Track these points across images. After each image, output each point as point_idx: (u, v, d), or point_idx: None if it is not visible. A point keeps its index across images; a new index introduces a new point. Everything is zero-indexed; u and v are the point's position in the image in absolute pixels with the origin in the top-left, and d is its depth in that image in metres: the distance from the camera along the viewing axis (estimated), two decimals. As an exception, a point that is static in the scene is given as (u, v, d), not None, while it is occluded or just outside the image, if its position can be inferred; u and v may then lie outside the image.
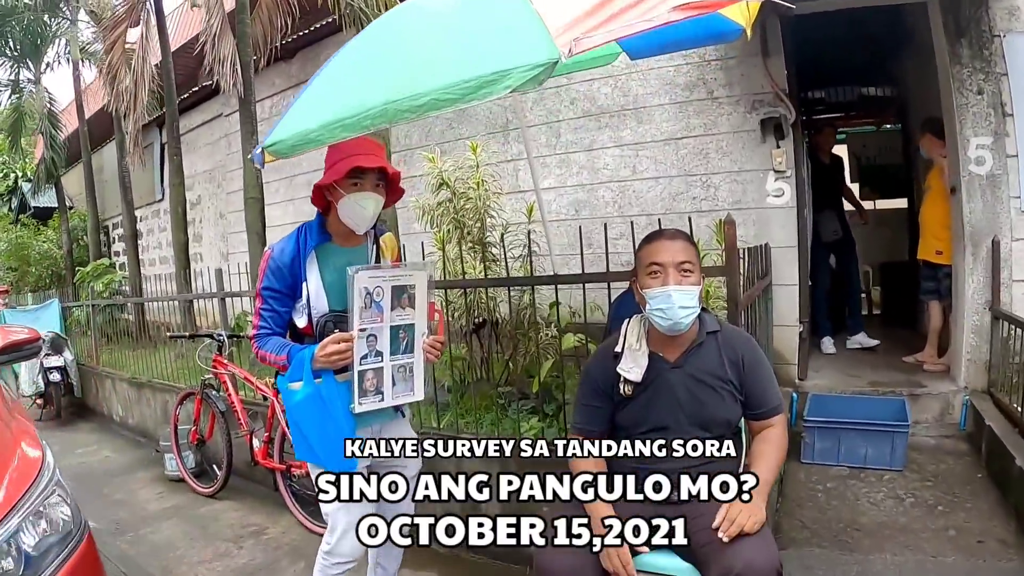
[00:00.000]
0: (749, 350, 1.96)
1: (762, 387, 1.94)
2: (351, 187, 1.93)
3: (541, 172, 5.28)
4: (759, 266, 3.51)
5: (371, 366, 1.97)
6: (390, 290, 1.95)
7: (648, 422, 1.93)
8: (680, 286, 1.85)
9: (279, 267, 2.01)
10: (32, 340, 2.85)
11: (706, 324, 1.96)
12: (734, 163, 4.36)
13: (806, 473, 3.40)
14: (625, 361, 1.95)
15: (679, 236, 1.92)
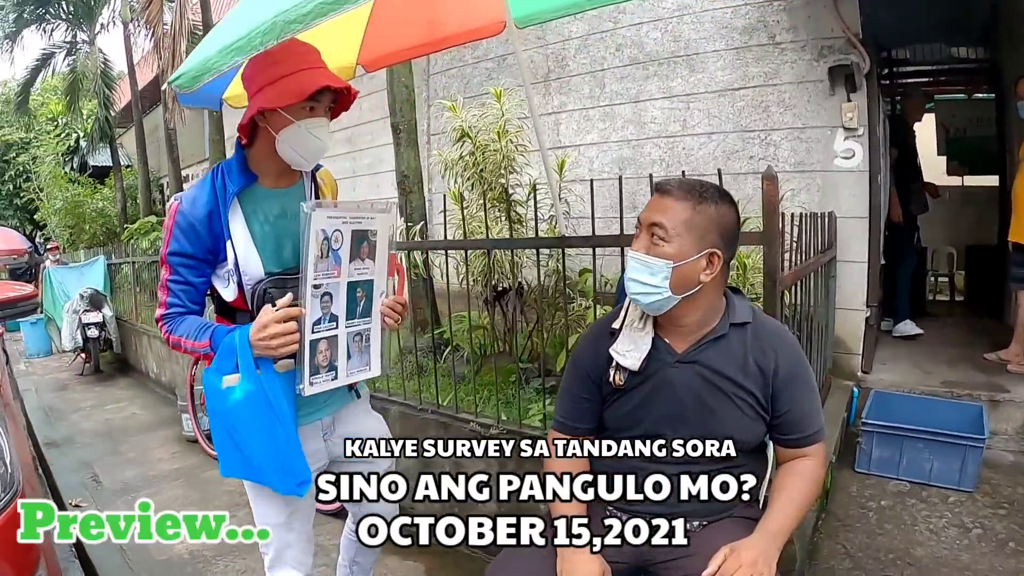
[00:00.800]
0: (787, 355, 1.49)
1: (799, 408, 1.49)
2: (302, 112, 1.54)
3: (583, 126, 4.98)
4: (820, 237, 3.09)
5: (325, 333, 1.60)
6: (350, 235, 1.59)
7: (640, 426, 1.53)
8: (636, 253, 1.45)
9: (191, 224, 1.57)
10: (28, 296, 2.80)
11: (733, 311, 1.51)
12: (797, 118, 3.89)
13: (859, 485, 2.97)
14: (622, 341, 1.55)
15: (677, 192, 1.44)
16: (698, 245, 1.42)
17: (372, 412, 1.95)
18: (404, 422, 3.16)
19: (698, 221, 1.42)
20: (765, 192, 2.01)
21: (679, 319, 1.49)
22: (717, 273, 1.45)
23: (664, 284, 1.42)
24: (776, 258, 2.04)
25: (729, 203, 1.46)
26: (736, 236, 1.49)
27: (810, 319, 2.81)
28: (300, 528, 1.77)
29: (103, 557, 3.01)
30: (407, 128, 4.70)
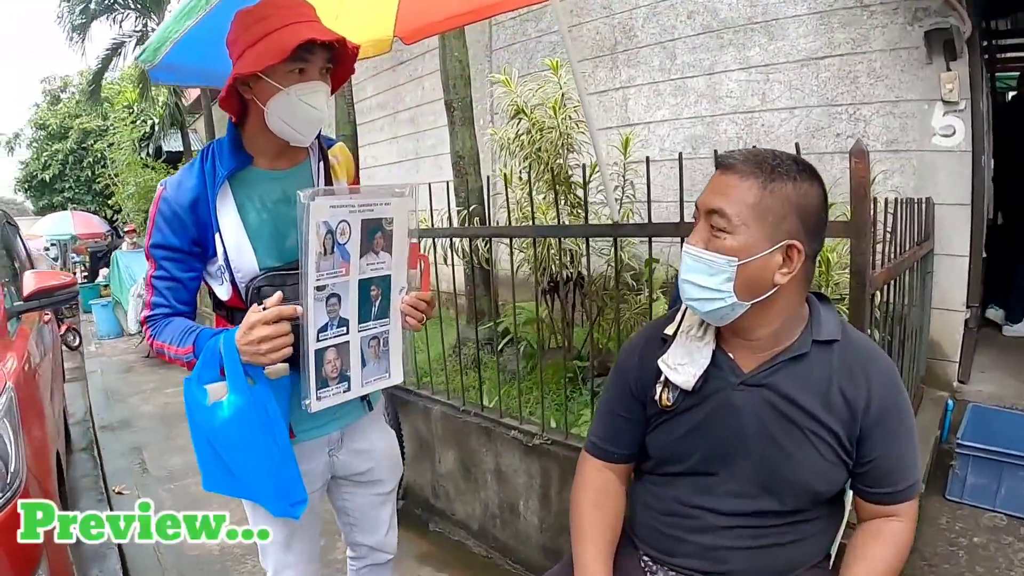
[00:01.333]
0: (883, 385, 1.17)
1: (893, 454, 1.18)
2: (290, 76, 1.32)
3: (653, 101, 4.67)
4: (916, 227, 2.71)
5: (333, 341, 1.38)
6: (360, 226, 1.36)
7: (688, 459, 1.25)
8: (692, 247, 1.16)
9: (174, 212, 1.37)
10: (67, 285, 2.77)
11: (818, 325, 1.20)
12: (890, 90, 3.45)
13: (950, 517, 2.57)
14: (674, 352, 1.26)
15: (742, 167, 1.13)
16: (771, 236, 1.11)
17: (385, 425, 1.77)
18: (446, 423, 3.00)
19: (771, 204, 1.11)
20: (854, 171, 1.64)
21: (748, 331, 1.20)
22: (797, 271, 1.14)
23: (727, 287, 1.13)
24: (866, 254, 1.67)
25: (811, 178, 1.14)
26: (823, 222, 1.17)
27: (903, 322, 2.47)
28: (301, 549, 1.61)
29: (134, 547, 2.99)
30: (461, 106, 4.53)
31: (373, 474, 1.70)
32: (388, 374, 1.54)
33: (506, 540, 2.75)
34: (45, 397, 2.66)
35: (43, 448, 2.12)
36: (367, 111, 8.35)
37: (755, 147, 1.19)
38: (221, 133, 1.46)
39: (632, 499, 1.37)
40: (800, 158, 1.17)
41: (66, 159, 18.89)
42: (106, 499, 3.74)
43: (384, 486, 1.75)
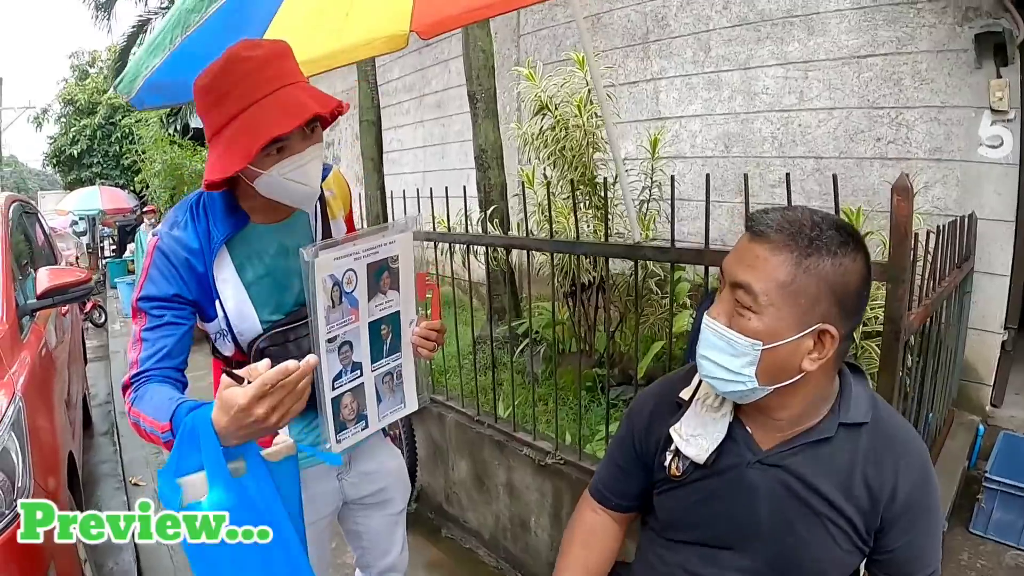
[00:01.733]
0: (912, 476, 1.08)
1: (914, 547, 1.11)
2: (268, 158, 1.21)
3: (685, 95, 4.56)
4: (955, 249, 2.57)
5: (348, 386, 1.38)
6: (365, 271, 1.34)
7: (695, 530, 1.19)
8: (714, 321, 1.07)
9: (171, 265, 1.27)
10: (82, 282, 2.79)
11: (847, 405, 1.11)
12: (935, 95, 3.31)
13: (971, 552, 2.48)
14: (688, 422, 1.19)
15: (775, 237, 1.01)
16: (802, 320, 1.00)
17: (390, 445, 1.76)
18: (459, 433, 2.98)
19: (804, 284, 0.99)
20: (896, 209, 1.53)
21: (769, 411, 1.12)
22: (830, 357, 1.03)
23: (749, 372, 1.04)
24: (903, 299, 1.56)
25: (855, 251, 1.01)
26: (863, 300, 1.05)
27: (938, 349, 2.38)
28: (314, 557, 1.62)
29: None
30: (485, 97, 4.47)
31: (384, 494, 1.71)
32: (403, 404, 1.56)
33: (517, 553, 2.73)
34: (59, 395, 2.69)
35: (53, 454, 2.14)
36: (392, 93, 8.31)
37: (793, 208, 1.06)
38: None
39: (638, 554, 1.33)
40: (845, 224, 1.04)
41: (94, 134, 19.12)
42: (124, 488, 3.81)
43: (395, 505, 1.76)
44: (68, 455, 2.36)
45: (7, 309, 2.46)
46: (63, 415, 2.59)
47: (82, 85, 19.98)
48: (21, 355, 2.35)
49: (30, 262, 3.43)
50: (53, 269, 2.81)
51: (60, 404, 2.63)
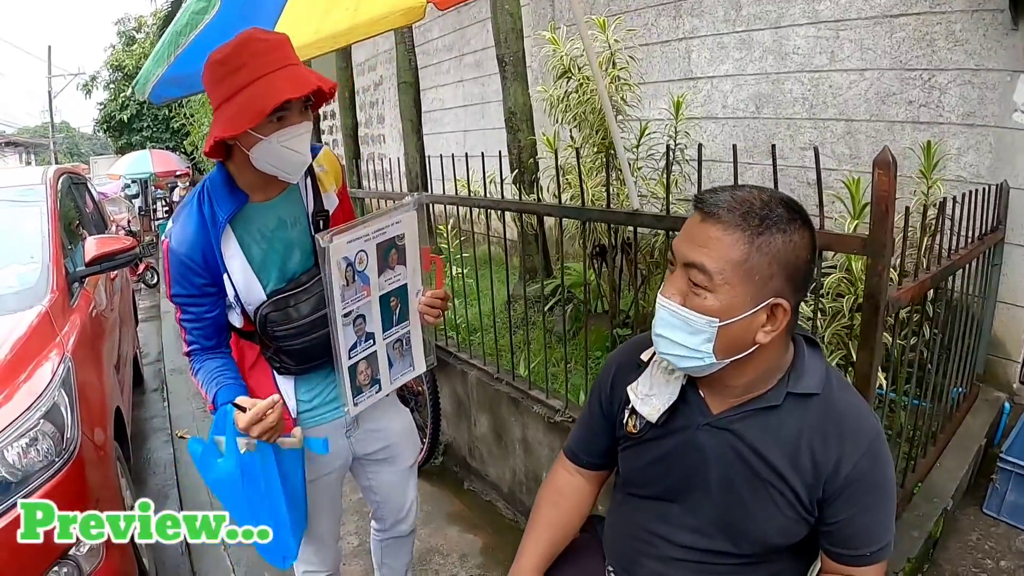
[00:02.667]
0: (857, 452, 1.11)
1: (859, 522, 1.14)
2: (270, 126, 1.39)
3: (717, 55, 4.54)
4: (981, 219, 2.55)
5: (363, 355, 1.60)
6: (375, 251, 1.55)
7: (650, 487, 1.30)
8: (668, 300, 1.12)
9: (183, 263, 1.49)
10: (127, 249, 3.03)
11: (798, 375, 1.16)
12: (970, 57, 3.22)
13: (981, 533, 2.49)
14: (643, 382, 1.28)
15: (727, 217, 1.06)
16: (756, 295, 1.05)
17: (397, 405, 1.94)
18: (480, 390, 3.16)
19: (758, 262, 1.04)
20: (877, 184, 1.53)
21: (722, 380, 1.18)
22: (782, 329, 1.10)
23: (706, 348, 1.09)
24: (882, 275, 1.56)
25: (802, 226, 1.07)
26: (811, 272, 1.12)
27: (951, 320, 2.41)
28: (321, 528, 1.82)
29: (191, 488, 3.32)
30: (513, 60, 4.54)
31: (390, 451, 1.89)
32: (412, 367, 1.78)
33: (531, 506, 2.89)
34: (108, 354, 2.95)
35: (100, 409, 2.38)
36: (433, 52, 8.39)
37: (740, 187, 1.11)
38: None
39: (608, 510, 1.46)
40: (791, 201, 1.09)
41: (144, 101, 19.66)
42: (171, 441, 4.13)
43: (403, 462, 1.94)
44: (116, 410, 2.61)
45: (57, 277, 2.71)
46: (111, 373, 2.85)
47: (129, 51, 20.49)
48: (71, 318, 2.60)
49: (80, 230, 3.69)
50: (100, 238, 3.05)
51: (109, 363, 2.88)
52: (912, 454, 2.25)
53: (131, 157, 14.96)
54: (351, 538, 2.89)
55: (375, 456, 1.87)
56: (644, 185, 3.71)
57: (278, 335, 1.56)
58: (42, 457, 1.93)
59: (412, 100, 6.65)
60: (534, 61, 5.30)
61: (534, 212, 2.71)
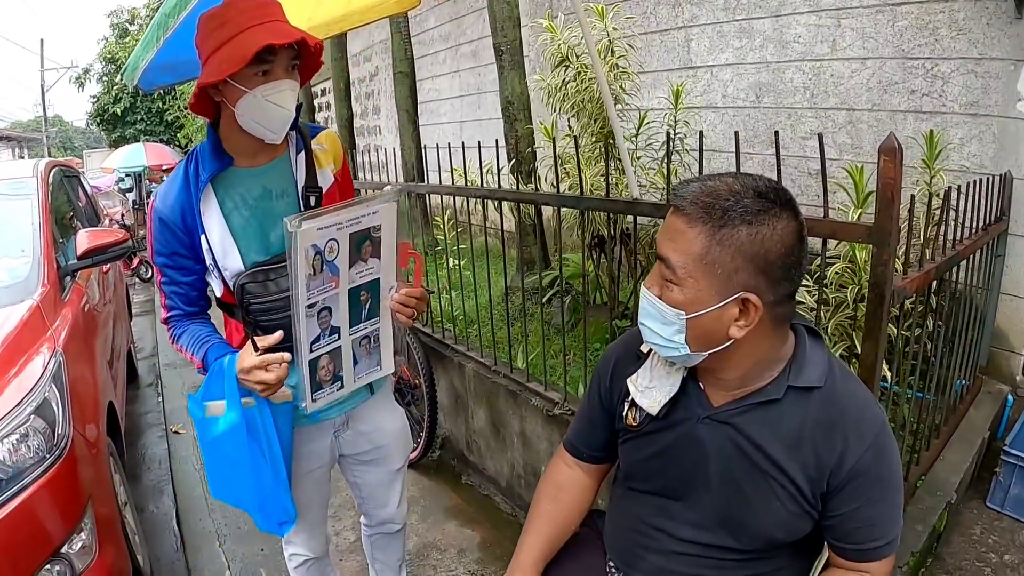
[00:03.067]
0: (861, 446, 1.09)
1: (863, 515, 1.12)
2: (255, 78, 1.38)
3: (717, 43, 4.51)
4: (985, 210, 2.53)
5: (326, 349, 1.52)
6: (348, 241, 1.46)
7: (651, 481, 1.28)
8: (649, 291, 1.13)
9: (164, 222, 1.48)
10: (120, 242, 3.00)
11: (799, 368, 1.13)
12: (973, 46, 3.20)
13: (984, 527, 2.47)
14: (643, 374, 1.26)
15: (690, 209, 1.04)
16: (721, 289, 1.04)
17: (392, 406, 1.91)
18: (477, 382, 3.14)
19: (719, 256, 1.02)
20: (882, 171, 1.52)
21: (715, 371, 1.17)
22: (757, 321, 1.06)
23: (679, 339, 1.09)
24: (888, 264, 1.53)
25: (775, 217, 1.02)
26: (792, 264, 1.05)
27: (955, 310, 2.39)
28: (310, 519, 1.81)
29: (186, 486, 3.31)
30: (510, 49, 4.50)
31: (380, 452, 1.87)
32: (379, 367, 1.68)
33: (529, 500, 2.84)
34: (100, 348, 2.93)
35: (93, 404, 2.36)
36: (429, 43, 8.35)
37: (715, 177, 1.07)
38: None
39: (608, 504, 1.44)
40: (769, 191, 1.04)
41: (136, 92, 19.53)
42: (166, 436, 4.11)
43: (392, 463, 1.92)
44: (109, 405, 2.59)
45: (49, 271, 2.68)
46: (104, 368, 2.83)
47: (122, 43, 20.41)
48: (63, 312, 2.57)
49: (72, 224, 3.66)
50: (92, 231, 3.02)
51: (101, 357, 2.86)
52: (915, 447, 2.24)
53: (125, 150, 14.87)
54: (347, 533, 2.87)
55: (362, 457, 1.85)
56: (643, 175, 3.69)
57: (255, 308, 1.52)
58: (33, 453, 1.90)
59: (408, 90, 6.60)
60: (531, 50, 5.27)
61: (532, 201, 2.69)
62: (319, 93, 12.43)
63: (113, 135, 20.78)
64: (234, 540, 2.87)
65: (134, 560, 2.35)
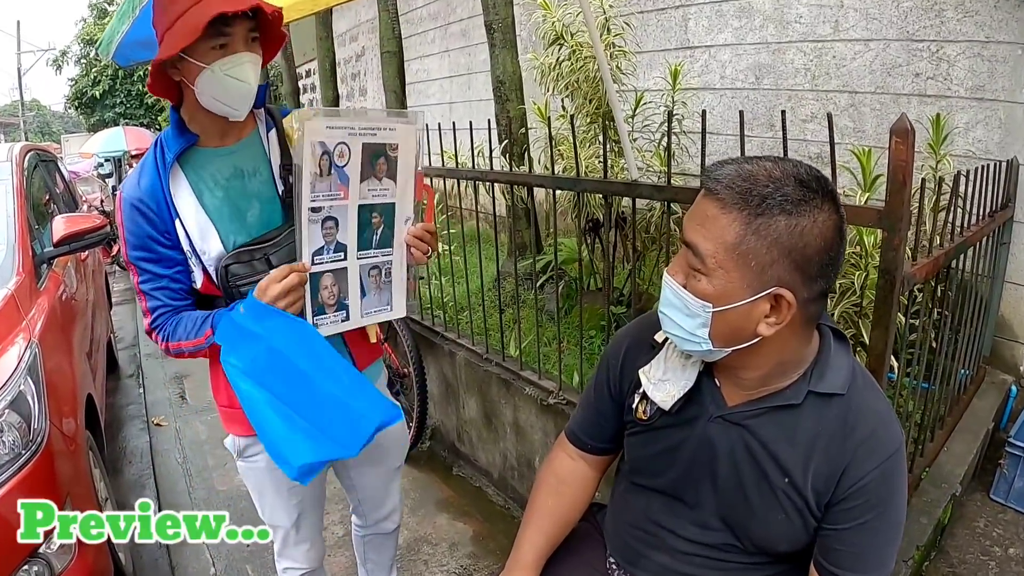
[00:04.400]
0: (870, 465, 1.04)
1: (853, 542, 1.07)
2: (212, 52, 1.33)
3: (715, 23, 4.47)
4: (992, 196, 2.50)
5: (329, 266, 1.44)
6: (360, 150, 1.39)
7: (658, 478, 1.23)
8: (671, 278, 1.06)
9: (135, 208, 1.40)
10: (98, 227, 2.94)
11: (821, 372, 1.08)
12: (979, 28, 3.15)
13: (988, 520, 2.45)
14: (656, 366, 1.20)
15: (725, 194, 0.97)
16: (754, 283, 0.97)
17: (387, 396, 1.88)
18: (469, 371, 3.11)
19: (754, 246, 0.95)
20: (894, 153, 1.48)
21: (734, 370, 1.11)
22: (789, 320, 1.00)
23: (702, 333, 1.03)
24: (899, 250, 1.51)
25: (817, 209, 0.96)
26: (831, 260, 0.99)
27: (961, 298, 2.37)
28: (308, 525, 1.78)
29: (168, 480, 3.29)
30: (502, 27, 4.45)
31: (377, 451, 1.79)
32: (390, 307, 1.59)
33: (523, 492, 2.87)
34: (78, 339, 2.87)
35: (70, 397, 2.31)
36: (417, 22, 8.26)
37: (753, 160, 1.00)
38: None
39: (610, 498, 1.41)
40: (811, 179, 0.97)
41: (116, 74, 19.35)
42: (147, 429, 4.06)
43: (389, 463, 1.89)
44: (88, 398, 2.54)
45: (24, 259, 2.62)
46: (82, 359, 2.77)
47: (101, 24, 20.15)
48: (39, 302, 2.52)
49: (49, 210, 3.59)
50: (68, 217, 2.96)
51: (79, 348, 2.81)
52: (920, 438, 2.23)
53: (104, 135, 14.67)
54: (335, 528, 2.84)
55: (361, 457, 1.80)
56: (640, 157, 3.65)
57: (243, 291, 1.44)
58: (8, 449, 1.85)
59: (396, 71, 6.53)
60: (524, 28, 5.20)
61: (525, 183, 2.65)
62: (303, 75, 12.31)
63: (92, 119, 20.52)
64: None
65: (115, 558, 2.32)
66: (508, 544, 1.37)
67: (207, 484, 3.26)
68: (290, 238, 1.44)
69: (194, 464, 3.51)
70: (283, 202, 1.49)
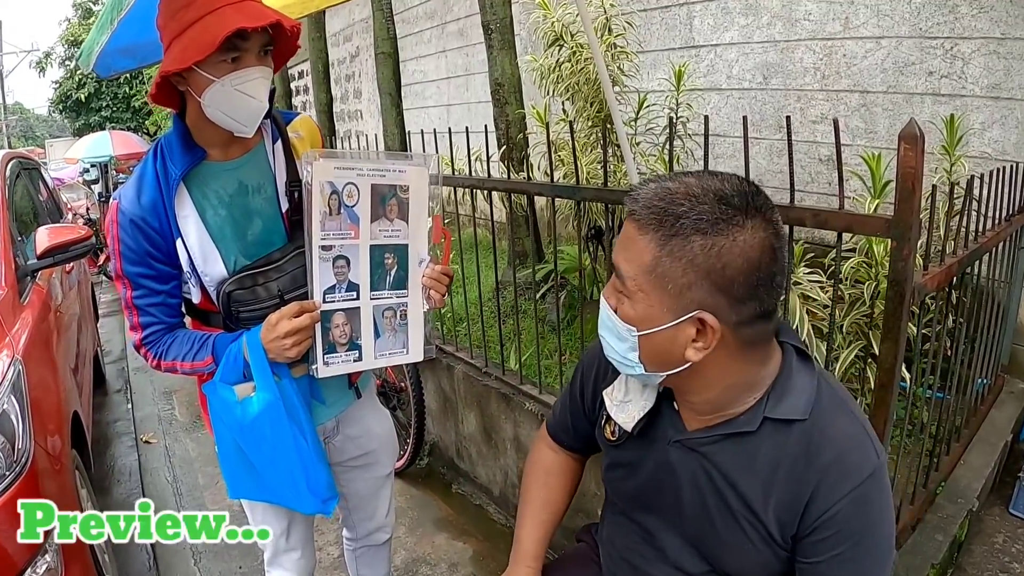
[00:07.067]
0: (840, 493, 0.99)
1: (842, 571, 1.02)
2: (224, 65, 1.31)
3: (721, 21, 4.49)
4: (1009, 199, 2.48)
5: (341, 304, 1.46)
6: (369, 190, 1.43)
7: (624, 499, 1.27)
8: (604, 302, 1.06)
9: (133, 223, 1.39)
10: (83, 239, 2.96)
11: (778, 396, 1.04)
12: (995, 25, 3.16)
13: (1007, 535, 2.45)
14: (619, 386, 1.21)
15: (642, 214, 0.96)
16: (674, 307, 0.96)
17: (378, 408, 1.90)
18: (467, 385, 3.12)
19: (669, 269, 0.94)
20: (902, 159, 1.47)
21: (683, 394, 1.10)
22: (719, 344, 0.97)
23: (633, 357, 1.03)
24: (908, 260, 1.49)
25: (738, 228, 0.93)
26: (765, 278, 0.95)
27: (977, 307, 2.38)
28: (298, 535, 1.79)
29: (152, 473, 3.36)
30: (500, 28, 4.47)
31: (369, 458, 1.85)
32: (406, 349, 1.60)
33: (526, 512, 2.88)
34: (63, 354, 2.89)
35: (56, 415, 2.32)
36: (413, 21, 8.30)
37: (678, 176, 0.99)
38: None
39: (600, 518, 1.44)
40: (735, 196, 0.94)
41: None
42: (136, 447, 4.07)
43: (381, 468, 1.91)
44: (74, 415, 2.55)
45: (6, 271, 2.64)
46: (68, 375, 2.79)
47: (86, 24, 20.22)
48: (22, 316, 2.54)
49: (32, 220, 3.62)
50: (52, 228, 2.98)
51: (64, 364, 2.82)
52: (935, 451, 2.23)
53: (90, 139, 14.74)
54: (331, 549, 2.85)
55: (351, 463, 1.83)
56: (643, 162, 3.68)
57: (243, 317, 1.47)
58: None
59: (391, 72, 6.55)
60: (522, 28, 5.23)
61: (524, 191, 2.67)
62: (296, 76, 12.36)
63: (77, 123, 20.59)
64: (210, 557, 2.84)
65: (101, 577, 2.33)
66: (511, 546, 1.42)
67: (198, 503, 3.28)
68: (293, 263, 1.47)
69: (185, 483, 3.53)
70: (286, 220, 1.51)
